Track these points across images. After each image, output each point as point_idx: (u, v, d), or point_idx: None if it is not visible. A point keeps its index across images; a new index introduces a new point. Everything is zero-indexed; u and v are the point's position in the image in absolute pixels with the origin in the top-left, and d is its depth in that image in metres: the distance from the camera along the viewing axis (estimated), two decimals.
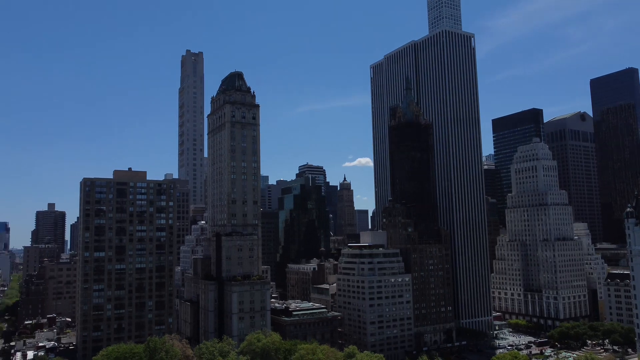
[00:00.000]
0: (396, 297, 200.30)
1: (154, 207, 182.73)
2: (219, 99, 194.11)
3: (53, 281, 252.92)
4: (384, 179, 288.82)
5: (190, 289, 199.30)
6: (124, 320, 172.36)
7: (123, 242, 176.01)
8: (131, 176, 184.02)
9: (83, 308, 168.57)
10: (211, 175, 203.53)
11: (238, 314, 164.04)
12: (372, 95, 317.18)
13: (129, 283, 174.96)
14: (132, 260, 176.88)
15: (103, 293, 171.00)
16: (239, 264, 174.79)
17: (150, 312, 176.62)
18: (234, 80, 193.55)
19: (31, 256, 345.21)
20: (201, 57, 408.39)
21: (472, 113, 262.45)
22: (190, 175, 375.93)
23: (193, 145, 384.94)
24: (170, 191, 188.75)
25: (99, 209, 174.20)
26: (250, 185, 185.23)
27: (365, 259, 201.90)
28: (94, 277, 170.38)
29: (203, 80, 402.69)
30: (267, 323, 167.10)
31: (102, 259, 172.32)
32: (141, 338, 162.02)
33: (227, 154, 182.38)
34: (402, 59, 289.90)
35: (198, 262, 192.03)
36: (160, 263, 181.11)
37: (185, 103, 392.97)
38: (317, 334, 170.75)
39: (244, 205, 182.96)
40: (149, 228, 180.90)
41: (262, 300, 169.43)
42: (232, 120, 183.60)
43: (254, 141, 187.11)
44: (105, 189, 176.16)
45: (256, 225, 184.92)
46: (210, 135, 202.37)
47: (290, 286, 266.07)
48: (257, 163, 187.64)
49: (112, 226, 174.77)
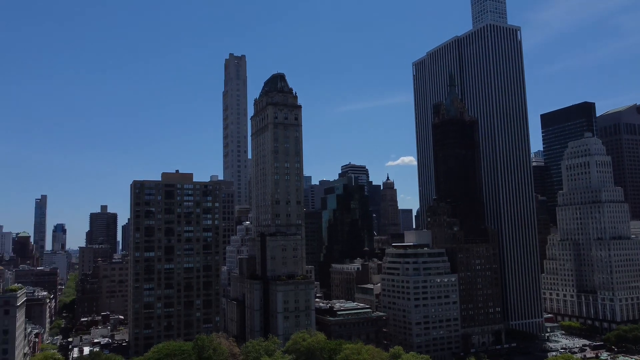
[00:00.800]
0: (442, 297, 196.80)
1: (200, 208, 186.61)
2: (262, 101, 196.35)
3: (106, 280, 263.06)
4: (428, 178, 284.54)
5: (236, 288, 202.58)
6: (173, 319, 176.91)
7: (171, 243, 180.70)
8: (178, 178, 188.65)
9: (135, 306, 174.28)
10: (255, 176, 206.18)
11: (283, 313, 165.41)
12: (415, 92, 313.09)
13: (177, 282, 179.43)
14: (180, 260, 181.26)
15: (153, 292, 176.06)
16: (284, 264, 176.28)
17: (198, 311, 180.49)
18: (276, 81, 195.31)
19: (86, 256, 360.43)
20: (244, 60, 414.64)
21: (519, 108, 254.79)
22: (234, 176, 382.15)
23: (237, 147, 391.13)
24: (216, 192, 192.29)
25: (148, 211, 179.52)
26: (294, 185, 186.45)
27: (409, 259, 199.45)
28: (144, 277, 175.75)
29: (246, 83, 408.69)
30: (311, 322, 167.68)
31: (151, 259, 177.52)
32: (190, 336, 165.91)
33: (270, 155, 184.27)
34: (445, 55, 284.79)
35: (243, 262, 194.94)
36: (207, 263, 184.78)
37: (229, 106, 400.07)
38: (361, 334, 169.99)
39: (288, 206, 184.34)
40: (195, 228, 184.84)
41: (307, 299, 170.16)
42: (274, 122, 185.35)
43: (296, 142, 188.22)
44: (154, 191, 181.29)
45: (300, 225, 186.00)
46: (254, 136, 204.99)
47: (334, 286, 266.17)
48: (300, 163, 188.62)
49: (160, 227, 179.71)
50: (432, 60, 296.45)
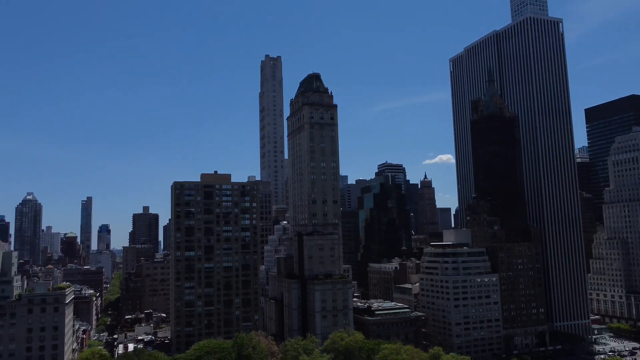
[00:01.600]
0: (483, 297, 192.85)
1: (239, 208, 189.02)
2: (298, 101, 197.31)
3: (149, 279, 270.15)
4: (467, 176, 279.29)
5: (275, 287, 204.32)
6: (213, 317, 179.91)
7: (211, 242, 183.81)
8: (217, 179, 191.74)
9: (176, 304, 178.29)
10: (292, 176, 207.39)
11: (321, 312, 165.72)
12: (452, 89, 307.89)
13: (217, 281, 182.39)
14: (220, 260, 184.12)
15: (194, 290, 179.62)
16: (321, 263, 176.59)
17: (237, 309, 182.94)
18: (312, 81, 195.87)
19: (129, 256, 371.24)
20: (279, 62, 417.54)
21: (562, 103, 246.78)
22: (271, 176, 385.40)
23: (274, 147, 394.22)
24: (254, 192, 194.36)
25: (188, 211, 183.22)
26: (330, 185, 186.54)
27: (448, 258, 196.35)
28: (185, 276, 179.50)
29: (282, 83, 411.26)
30: (349, 322, 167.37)
31: (192, 258, 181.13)
32: (229, 334, 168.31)
33: (306, 154, 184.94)
34: (483, 50, 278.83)
35: (281, 261, 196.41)
36: (246, 262, 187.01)
37: (265, 107, 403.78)
38: (400, 334, 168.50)
39: (324, 205, 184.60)
40: (234, 228, 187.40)
41: (345, 299, 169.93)
42: (310, 122, 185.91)
43: (332, 141, 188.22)
44: (194, 192, 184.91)
45: (337, 224, 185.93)
46: (290, 137, 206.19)
47: (372, 285, 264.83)
48: (336, 163, 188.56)
49: (200, 227, 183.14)
50: (469, 56, 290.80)
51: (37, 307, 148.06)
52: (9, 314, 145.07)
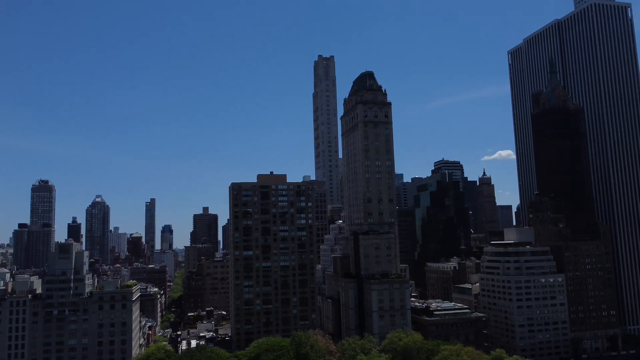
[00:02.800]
0: (547, 298, 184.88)
1: (295, 208, 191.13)
2: (351, 100, 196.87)
3: (209, 277, 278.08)
4: (529, 172, 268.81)
5: (331, 287, 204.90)
6: (271, 315, 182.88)
7: (268, 242, 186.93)
8: (273, 179, 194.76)
9: (236, 303, 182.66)
10: (346, 175, 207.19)
11: (378, 312, 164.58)
12: (511, 82, 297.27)
13: (274, 280, 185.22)
14: (277, 259, 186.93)
15: (252, 289, 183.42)
16: (377, 263, 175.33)
17: (294, 308, 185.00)
18: (365, 80, 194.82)
19: (191, 255, 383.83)
20: (332, 61, 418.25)
21: (632, 92, 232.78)
22: (326, 176, 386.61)
23: (328, 147, 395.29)
24: (309, 192, 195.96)
25: (246, 211, 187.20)
26: (385, 183, 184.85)
27: (510, 258, 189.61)
28: (244, 274, 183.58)
29: (335, 83, 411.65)
30: (407, 322, 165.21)
31: (250, 258, 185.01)
32: (287, 332, 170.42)
33: (361, 153, 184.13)
34: (544, 40, 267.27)
35: (337, 261, 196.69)
36: (302, 261, 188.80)
37: (319, 107, 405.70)
38: (460, 335, 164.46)
39: (380, 204, 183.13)
40: (290, 228, 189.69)
41: (402, 299, 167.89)
42: (364, 120, 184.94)
43: (387, 139, 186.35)
44: (251, 192, 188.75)
45: (392, 223, 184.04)
46: (344, 136, 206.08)
47: (430, 285, 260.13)
48: (391, 161, 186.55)
49: (257, 227, 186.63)
50: (529, 47, 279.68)
51: (106, 304, 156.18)
52: (82, 310, 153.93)
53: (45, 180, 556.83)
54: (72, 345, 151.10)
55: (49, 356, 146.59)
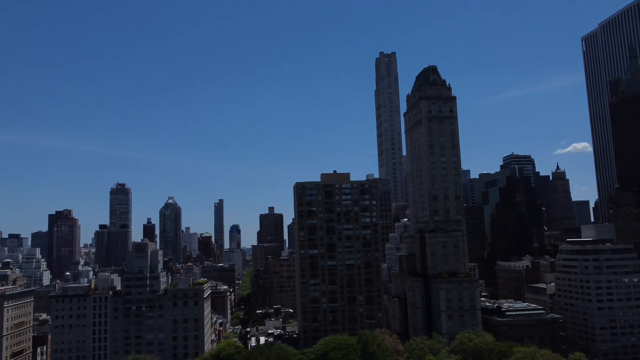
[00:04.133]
0: (632, 299, 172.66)
1: (359, 207, 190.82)
2: (414, 96, 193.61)
3: (276, 276, 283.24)
4: (608, 164, 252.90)
5: (397, 286, 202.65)
6: (337, 313, 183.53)
7: (333, 240, 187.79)
8: (336, 178, 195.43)
9: (302, 301, 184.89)
10: (411, 172, 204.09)
11: (446, 311, 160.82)
12: (586, 71, 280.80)
13: (340, 278, 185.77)
14: (342, 257, 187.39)
15: (318, 287, 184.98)
16: (444, 261, 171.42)
17: (361, 307, 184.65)
18: (428, 75, 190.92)
19: (258, 254, 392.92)
20: (394, 58, 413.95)
21: None
22: (390, 174, 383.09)
23: (391, 144, 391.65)
24: (373, 190, 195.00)
25: (310, 210, 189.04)
26: (452, 180, 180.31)
27: (589, 256, 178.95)
28: (309, 273, 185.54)
29: (397, 79, 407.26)
30: (477, 322, 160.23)
31: (315, 256, 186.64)
32: (354, 331, 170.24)
33: (425, 150, 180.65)
34: (622, 23, 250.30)
35: (403, 259, 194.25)
36: (367, 260, 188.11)
37: (381, 104, 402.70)
38: (534, 337, 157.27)
39: (446, 201, 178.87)
40: (355, 226, 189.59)
41: (471, 298, 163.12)
42: (428, 116, 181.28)
43: (452, 135, 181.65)
44: (315, 192, 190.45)
45: (460, 221, 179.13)
46: (408, 133, 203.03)
47: (501, 285, 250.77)
48: (457, 157, 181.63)
49: (322, 225, 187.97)
50: (605, 32, 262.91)
51: (180, 300, 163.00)
52: (157, 306, 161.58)
53: (122, 184, 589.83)
54: (149, 339, 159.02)
55: (129, 349, 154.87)
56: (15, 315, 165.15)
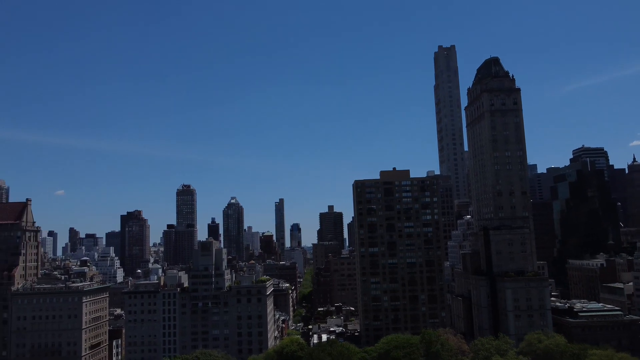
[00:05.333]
0: None
1: (419, 204, 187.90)
2: (475, 89, 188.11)
3: (337, 274, 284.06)
4: None
5: (461, 284, 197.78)
6: (399, 312, 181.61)
7: (393, 238, 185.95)
8: (396, 175, 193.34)
9: (363, 299, 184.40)
10: (473, 168, 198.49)
11: (514, 311, 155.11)
12: None
13: (401, 277, 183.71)
14: (403, 255, 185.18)
15: (379, 286, 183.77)
16: (511, 259, 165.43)
17: (423, 305, 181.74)
18: (490, 67, 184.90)
19: (318, 252, 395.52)
20: (453, 51, 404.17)
21: None
22: (451, 170, 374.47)
23: (452, 140, 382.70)
24: (433, 187, 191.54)
25: (370, 208, 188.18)
26: (517, 175, 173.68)
27: None
28: (370, 271, 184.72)
29: (457, 73, 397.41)
30: (547, 323, 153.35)
31: (376, 254, 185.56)
32: (416, 330, 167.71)
33: (488, 144, 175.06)
34: None
35: (466, 257, 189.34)
36: (429, 258, 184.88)
37: (441, 99, 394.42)
38: (610, 340, 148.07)
39: (511, 197, 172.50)
40: (415, 224, 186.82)
41: (540, 298, 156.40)
42: (491, 109, 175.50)
43: (517, 128, 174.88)
44: (374, 189, 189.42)
45: (526, 217, 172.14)
46: (469, 127, 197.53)
47: (572, 284, 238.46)
48: (522, 151, 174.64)
49: (382, 223, 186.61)
50: None
51: (244, 297, 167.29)
52: (222, 303, 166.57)
53: (187, 185, 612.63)
54: (215, 334, 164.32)
55: (196, 344, 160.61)
56: (93, 309, 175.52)
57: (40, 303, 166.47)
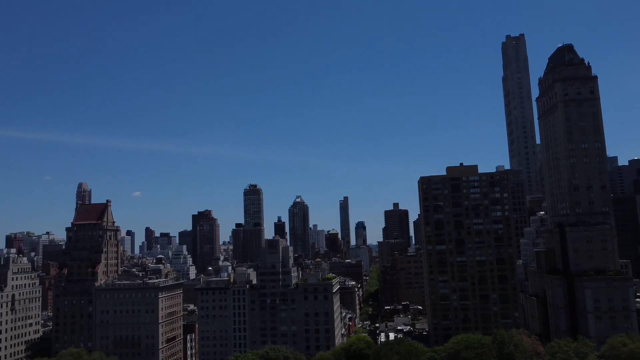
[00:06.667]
0: None
1: (488, 200, 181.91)
2: (547, 79, 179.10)
3: (403, 272, 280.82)
4: None
5: (535, 283, 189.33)
6: (469, 311, 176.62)
7: (461, 236, 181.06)
8: (463, 171, 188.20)
9: (431, 297, 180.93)
10: (546, 162, 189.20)
11: (594, 313, 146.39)
12: None
13: (470, 275, 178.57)
14: (472, 253, 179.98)
15: (447, 284, 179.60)
16: (589, 257, 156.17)
17: (494, 305, 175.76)
18: (563, 54, 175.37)
19: (384, 250, 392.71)
20: (522, 40, 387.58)
21: None
22: (522, 164, 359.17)
23: (523, 133, 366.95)
24: (504, 182, 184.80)
25: (436, 205, 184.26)
26: (595, 168, 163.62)
27: None
28: (437, 269, 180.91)
29: (527, 63, 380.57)
30: (632, 326, 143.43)
31: (443, 252, 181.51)
32: (487, 330, 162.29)
33: (562, 136, 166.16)
34: None
35: (540, 255, 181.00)
36: (500, 256, 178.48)
37: (510, 91, 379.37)
38: None
39: (589, 192, 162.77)
40: (485, 221, 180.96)
41: (624, 298, 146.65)
42: (565, 99, 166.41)
43: (594, 118, 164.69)
44: (440, 186, 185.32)
45: (607, 213, 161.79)
46: (541, 119, 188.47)
47: None
48: (601, 142, 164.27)
49: (449, 220, 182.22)
50: None
51: (310, 294, 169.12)
52: (290, 300, 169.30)
53: (254, 185, 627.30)
54: (283, 331, 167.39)
55: (265, 340, 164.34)
56: (169, 305, 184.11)
57: (121, 298, 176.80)
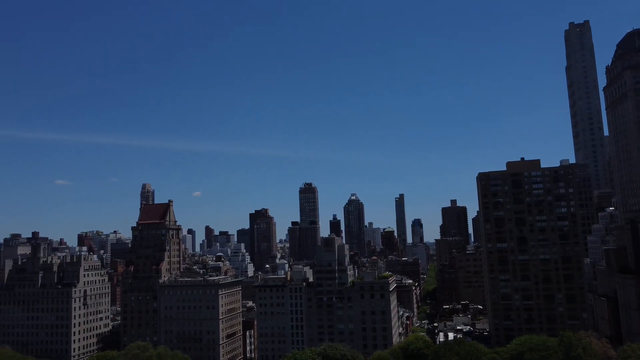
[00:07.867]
0: None
1: (552, 196, 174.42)
2: (616, 67, 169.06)
3: (462, 271, 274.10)
4: None
5: (604, 283, 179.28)
6: (533, 312, 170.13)
7: (523, 233, 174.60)
8: (524, 166, 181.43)
9: (492, 297, 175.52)
10: (616, 154, 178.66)
11: None
12: None
13: (534, 274, 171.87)
14: (535, 251, 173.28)
15: (509, 283, 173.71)
16: None
17: (560, 305, 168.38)
18: (633, 40, 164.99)
19: (442, 248, 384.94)
20: (587, 27, 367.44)
21: None
22: (589, 158, 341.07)
23: (589, 124, 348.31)
24: (569, 177, 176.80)
25: (496, 201, 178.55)
26: None
27: None
28: (498, 268, 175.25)
29: (593, 51, 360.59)
30: None
31: (504, 250, 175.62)
32: (552, 331, 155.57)
33: (634, 127, 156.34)
34: None
35: (610, 254, 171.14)
36: (566, 254, 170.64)
37: (574, 81, 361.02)
38: None
39: None
40: (549, 217, 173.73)
41: None
42: (635, 87, 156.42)
43: None
44: (500, 181, 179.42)
45: None
46: (609, 109, 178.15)
47: None
48: None
49: (510, 217, 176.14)
50: None
51: (367, 293, 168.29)
52: (346, 298, 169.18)
53: (309, 183, 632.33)
54: (340, 329, 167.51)
55: (323, 337, 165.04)
56: (228, 302, 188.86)
57: (183, 294, 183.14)
